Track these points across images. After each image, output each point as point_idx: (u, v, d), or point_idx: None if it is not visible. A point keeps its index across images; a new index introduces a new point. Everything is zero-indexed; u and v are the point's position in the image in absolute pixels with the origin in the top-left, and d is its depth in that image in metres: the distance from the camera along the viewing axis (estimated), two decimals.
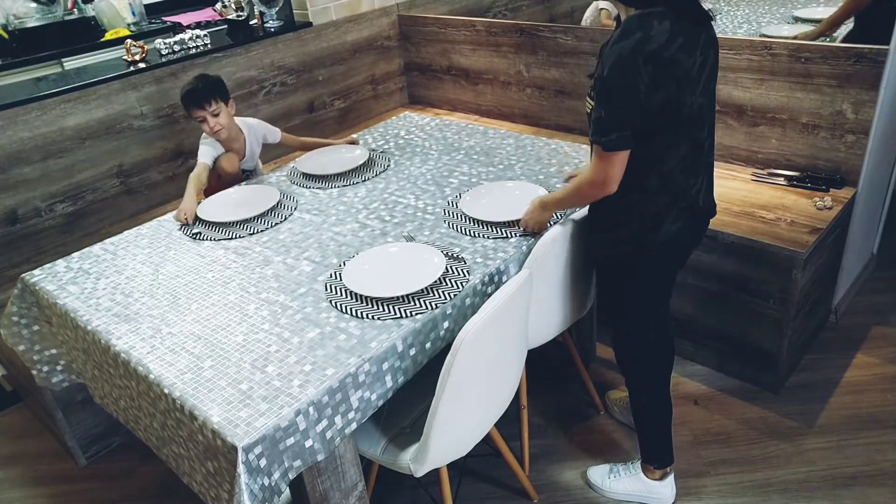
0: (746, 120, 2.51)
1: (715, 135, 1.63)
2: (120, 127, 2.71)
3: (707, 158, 1.58)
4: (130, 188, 2.80)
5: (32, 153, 2.51)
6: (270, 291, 1.66)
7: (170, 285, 1.74)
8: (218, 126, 2.28)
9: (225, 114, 2.29)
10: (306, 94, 3.31)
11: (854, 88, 2.23)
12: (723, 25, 3.46)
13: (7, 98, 2.49)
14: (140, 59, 2.83)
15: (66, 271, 1.87)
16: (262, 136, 2.50)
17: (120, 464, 2.29)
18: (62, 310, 1.70)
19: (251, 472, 1.23)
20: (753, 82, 2.44)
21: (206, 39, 2.98)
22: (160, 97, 2.79)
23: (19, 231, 2.54)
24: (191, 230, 2.02)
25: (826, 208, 2.24)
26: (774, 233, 2.14)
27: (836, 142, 2.34)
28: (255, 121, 2.51)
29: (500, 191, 2.00)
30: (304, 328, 1.50)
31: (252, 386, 1.34)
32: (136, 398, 1.52)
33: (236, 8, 3.28)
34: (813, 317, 2.37)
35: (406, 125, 2.70)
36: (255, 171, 2.58)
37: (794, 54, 2.32)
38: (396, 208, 2.01)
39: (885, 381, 2.26)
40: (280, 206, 2.09)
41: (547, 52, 3.06)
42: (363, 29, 3.46)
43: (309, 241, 1.88)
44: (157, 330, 1.56)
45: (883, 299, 2.63)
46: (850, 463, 1.98)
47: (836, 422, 2.12)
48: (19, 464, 2.33)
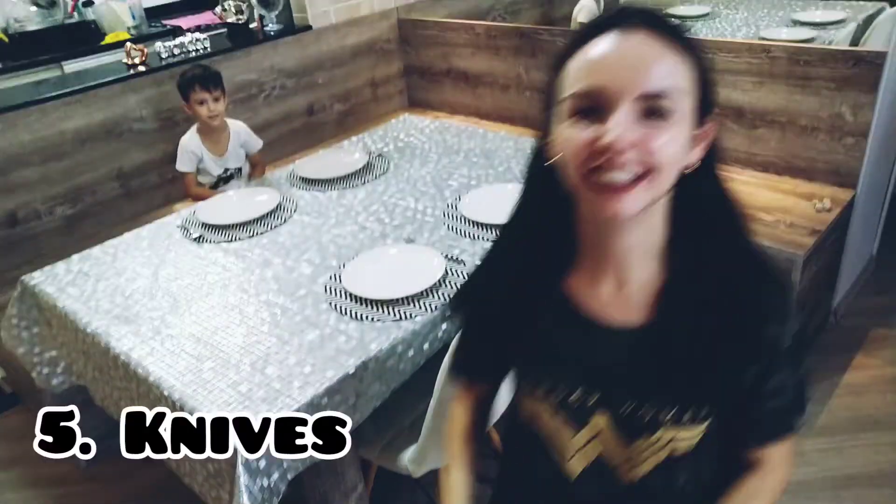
0: (745, 122, 2.52)
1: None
2: (120, 130, 2.71)
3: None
4: (130, 191, 2.81)
5: (32, 156, 2.51)
6: (270, 293, 1.66)
7: (169, 287, 1.74)
8: (216, 111, 2.43)
9: (222, 103, 2.46)
10: (306, 98, 3.32)
11: (853, 91, 2.24)
12: (722, 28, 3.47)
13: (7, 101, 2.50)
14: (140, 62, 2.83)
15: (65, 273, 1.87)
16: (244, 140, 2.62)
17: (120, 465, 2.28)
18: (62, 312, 1.70)
19: (251, 474, 1.23)
20: (752, 85, 2.45)
21: (205, 43, 2.98)
22: (160, 100, 2.79)
23: (19, 233, 2.54)
24: (191, 233, 2.02)
25: (825, 210, 2.24)
26: (774, 235, 2.14)
27: (835, 144, 2.34)
28: (242, 125, 2.64)
29: (499, 193, 2.00)
30: (304, 330, 1.50)
31: (252, 388, 1.34)
32: (137, 400, 1.52)
33: (236, 11, 3.28)
34: (812, 318, 2.37)
35: (406, 128, 2.71)
36: (241, 173, 2.62)
37: (792, 57, 2.32)
38: (396, 210, 2.01)
39: (885, 382, 2.26)
40: (280, 209, 2.10)
41: (546, 55, 3.07)
42: (363, 32, 3.47)
43: (309, 244, 1.88)
44: (157, 332, 1.56)
45: (883, 301, 2.63)
46: (850, 464, 1.98)
47: (836, 423, 2.12)
48: (19, 466, 2.33)
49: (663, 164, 0.72)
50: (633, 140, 0.70)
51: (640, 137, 0.71)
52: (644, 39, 0.73)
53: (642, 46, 0.73)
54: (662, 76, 0.72)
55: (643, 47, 0.73)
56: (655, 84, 0.71)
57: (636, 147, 0.71)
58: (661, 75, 0.72)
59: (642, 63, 0.72)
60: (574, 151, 0.74)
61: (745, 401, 0.86)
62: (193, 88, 2.40)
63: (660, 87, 0.71)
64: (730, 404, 0.85)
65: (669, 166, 0.74)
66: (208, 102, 2.41)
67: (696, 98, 0.76)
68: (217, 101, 2.43)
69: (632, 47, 0.73)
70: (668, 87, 0.71)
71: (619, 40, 0.73)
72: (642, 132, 0.71)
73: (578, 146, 0.73)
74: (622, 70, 0.72)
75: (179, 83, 2.46)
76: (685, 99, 0.74)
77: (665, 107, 0.71)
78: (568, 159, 0.75)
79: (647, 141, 0.71)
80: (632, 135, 0.71)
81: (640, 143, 0.71)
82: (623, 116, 0.70)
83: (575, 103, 0.74)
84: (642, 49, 0.73)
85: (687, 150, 0.76)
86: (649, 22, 0.74)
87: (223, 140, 2.56)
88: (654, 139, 0.71)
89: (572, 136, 0.74)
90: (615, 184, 0.72)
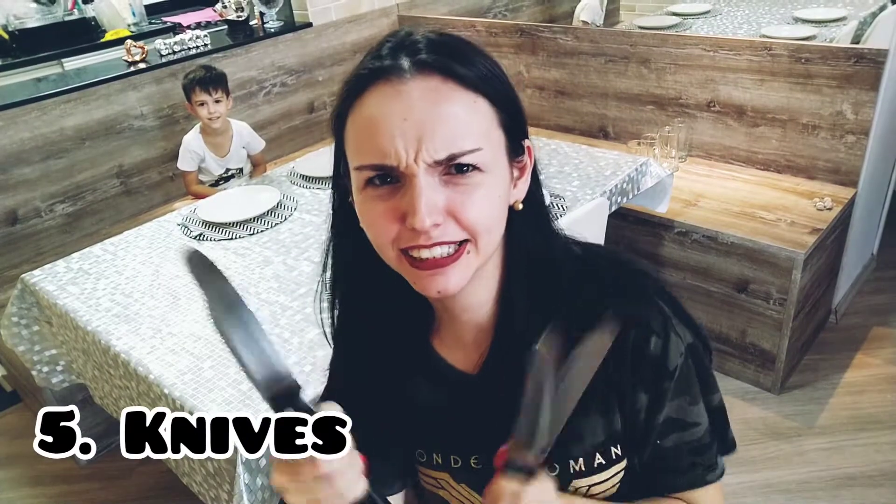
0: (746, 120, 2.51)
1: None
2: (120, 127, 2.71)
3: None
4: (130, 188, 2.80)
5: (32, 153, 2.50)
6: (270, 292, 1.66)
7: (170, 286, 1.74)
8: (217, 113, 2.42)
9: (224, 105, 2.45)
10: (306, 95, 3.31)
11: (854, 89, 2.23)
12: (723, 26, 3.46)
13: (7, 98, 2.49)
14: (140, 59, 2.83)
15: (66, 272, 1.87)
16: (247, 140, 2.62)
17: (119, 464, 2.29)
18: (62, 310, 1.70)
19: (251, 473, 1.23)
20: (753, 83, 2.44)
21: (206, 40, 2.98)
22: (160, 97, 2.79)
23: (19, 231, 2.54)
24: (191, 231, 2.02)
25: (826, 209, 2.24)
26: (774, 233, 2.14)
27: (836, 142, 2.34)
28: (246, 126, 2.64)
29: None
30: (304, 329, 1.50)
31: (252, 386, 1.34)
32: (137, 398, 1.52)
33: (236, 8, 3.28)
34: (813, 317, 2.37)
35: None
36: (242, 172, 2.63)
37: (794, 55, 2.31)
38: None
39: (885, 381, 2.26)
40: (280, 207, 2.09)
41: (547, 53, 3.06)
42: (363, 29, 3.46)
43: (309, 242, 1.88)
44: (158, 330, 1.56)
45: (883, 300, 2.63)
46: (850, 463, 1.98)
47: (836, 422, 2.12)
48: (19, 464, 2.33)
49: (482, 230, 0.63)
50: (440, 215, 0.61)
51: (449, 206, 0.61)
52: (425, 87, 0.61)
53: (422, 101, 0.60)
54: (454, 135, 0.60)
55: (423, 102, 0.60)
56: (446, 147, 0.60)
57: (449, 216, 0.61)
58: (454, 133, 0.60)
59: (427, 125, 0.60)
60: (378, 231, 0.64)
61: (641, 440, 0.74)
62: (194, 90, 2.40)
63: (454, 149, 0.60)
64: (623, 445, 0.74)
65: (491, 228, 0.64)
66: (209, 104, 2.41)
67: (504, 129, 0.65)
68: (218, 102, 2.43)
69: (411, 105, 0.60)
70: (464, 143, 0.61)
71: (395, 97, 0.61)
72: (450, 201, 0.61)
73: (383, 224, 0.63)
74: (406, 139, 0.60)
75: (183, 84, 2.46)
76: (491, 142, 0.63)
77: (469, 162, 0.61)
78: (375, 238, 0.65)
79: (458, 211, 0.61)
80: (436, 212, 0.60)
81: (452, 213, 0.61)
82: (422, 188, 0.60)
83: (366, 174, 0.63)
84: (423, 105, 0.60)
85: (508, 192, 0.67)
86: (428, 63, 0.61)
87: (226, 141, 2.56)
88: (467, 207, 0.61)
89: (374, 216, 0.63)
90: (435, 259, 0.62)
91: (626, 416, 0.73)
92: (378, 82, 0.62)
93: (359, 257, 0.72)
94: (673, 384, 0.71)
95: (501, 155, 0.65)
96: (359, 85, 0.63)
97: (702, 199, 2.40)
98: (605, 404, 0.72)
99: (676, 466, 0.76)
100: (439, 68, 0.61)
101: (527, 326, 0.70)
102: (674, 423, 0.73)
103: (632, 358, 0.70)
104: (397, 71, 0.61)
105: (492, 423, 0.68)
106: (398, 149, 0.60)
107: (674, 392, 0.72)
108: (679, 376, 0.71)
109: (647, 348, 0.70)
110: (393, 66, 0.61)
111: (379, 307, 0.75)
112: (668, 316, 0.71)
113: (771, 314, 2.16)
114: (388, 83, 0.61)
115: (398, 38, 0.64)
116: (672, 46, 2.61)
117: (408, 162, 0.60)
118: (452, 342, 0.78)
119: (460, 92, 0.61)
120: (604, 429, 0.73)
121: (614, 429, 0.73)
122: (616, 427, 0.73)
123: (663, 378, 0.71)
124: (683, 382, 0.72)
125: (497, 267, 0.72)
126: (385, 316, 0.76)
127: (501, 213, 0.66)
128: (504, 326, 0.73)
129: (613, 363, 0.69)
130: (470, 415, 0.75)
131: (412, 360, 0.78)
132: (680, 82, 2.64)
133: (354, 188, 0.66)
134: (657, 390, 0.71)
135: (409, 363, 0.77)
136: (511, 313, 0.72)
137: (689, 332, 0.73)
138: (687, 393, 0.73)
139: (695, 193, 2.44)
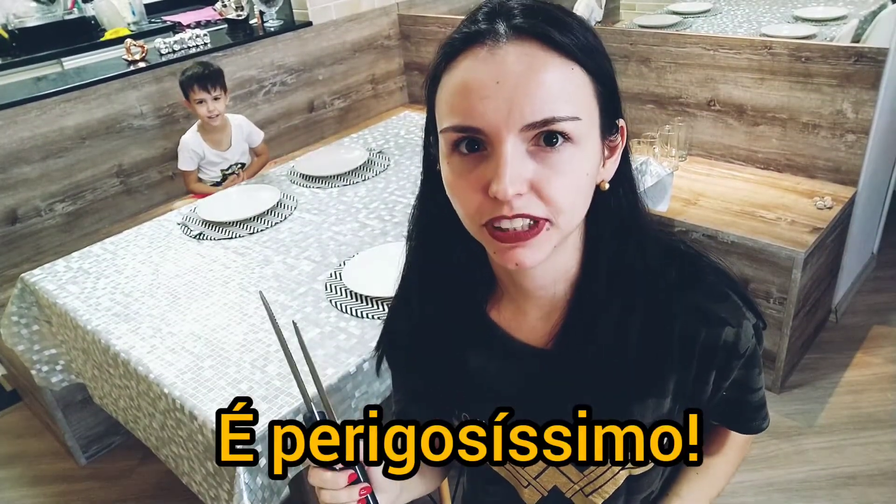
0: (746, 119, 2.51)
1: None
2: (120, 126, 2.71)
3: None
4: (130, 188, 2.80)
5: (32, 153, 2.50)
6: (270, 291, 1.66)
7: (170, 285, 1.74)
8: (216, 111, 2.42)
9: (222, 102, 2.45)
10: (306, 94, 3.31)
11: (854, 88, 2.23)
12: (723, 24, 3.46)
13: (7, 97, 2.49)
14: (140, 58, 2.82)
15: (65, 271, 1.87)
16: (247, 133, 2.62)
17: (119, 464, 2.29)
18: (62, 309, 1.70)
19: (251, 472, 1.23)
20: (753, 82, 2.44)
21: (206, 39, 2.97)
22: (160, 97, 2.79)
23: (19, 231, 2.54)
24: (191, 230, 2.02)
25: (826, 208, 2.24)
26: (775, 232, 2.14)
27: (836, 141, 2.34)
28: (243, 118, 2.63)
29: None
30: (304, 328, 1.50)
31: (252, 386, 1.34)
32: (136, 398, 1.52)
33: (236, 7, 3.27)
34: (813, 316, 2.37)
35: (406, 125, 2.70)
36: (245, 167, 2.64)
37: (794, 54, 2.31)
38: (396, 208, 2.01)
39: (885, 380, 2.26)
40: (280, 206, 2.09)
41: None
42: (363, 28, 3.46)
43: (309, 241, 1.88)
44: (157, 330, 1.56)
45: (883, 299, 2.63)
46: (850, 462, 1.98)
47: (836, 421, 2.12)
48: (19, 463, 2.33)
49: (565, 207, 0.61)
50: (524, 185, 0.59)
51: (534, 180, 0.60)
52: (520, 52, 0.59)
53: (517, 65, 0.58)
54: (550, 98, 0.58)
55: (519, 66, 0.58)
56: (541, 110, 0.58)
57: (532, 190, 0.60)
58: (547, 97, 0.58)
59: (520, 88, 0.58)
60: (462, 201, 0.63)
61: (706, 402, 0.78)
62: (192, 88, 2.39)
63: (548, 113, 0.58)
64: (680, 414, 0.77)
65: (574, 206, 0.63)
66: (207, 102, 2.40)
67: (600, 103, 0.63)
68: (217, 100, 2.41)
69: (506, 69, 0.58)
70: (560, 108, 0.59)
71: (489, 60, 0.59)
72: (536, 174, 0.60)
73: (466, 194, 0.62)
74: (497, 102, 0.58)
75: (180, 80, 2.45)
76: (584, 113, 0.61)
77: (560, 131, 0.59)
78: (458, 207, 0.64)
79: (542, 186, 0.60)
80: (520, 182, 0.59)
81: (536, 187, 0.60)
82: (509, 156, 0.58)
83: (453, 137, 0.61)
84: (518, 68, 0.58)
85: (597, 171, 0.65)
86: (524, 28, 0.60)
87: (225, 136, 2.56)
88: (553, 183, 0.60)
89: (458, 181, 0.63)
90: (516, 231, 0.61)
91: (685, 395, 0.76)
92: (473, 46, 0.61)
93: (436, 222, 0.73)
94: (742, 362, 0.76)
95: (595, 130, 0.63)
96: (453, 48, 0.62)
97: (702, 199, 2.40)
98: (660, 389, 0.75)
99: (738, 417, 0.84)
100: (536, 34, 0.59)
101: (606, 308, 0.71)
102: (739, 386, 0.79)
103: (700, 350, 0.73)
104: (493, 35, 0.60)
105: (565, 396, 0.72)
106: (488, 111, 0.58)
107: (742, 367, 0.76)
108: (747, 357, 0.75)
109: (719, 341, 0.72)
110: (489, 30, 0.60)
111: (446, 272, 0.77)
112: (740, 306, 0.73)
113: (771, 313, 2.16)
114: (483, 46, 0.60)
115: (493, 3, 0.63)
116: (672, 45, 2.60)
117: (497, 125, 0.58)
118: (513, 314, 0.78)
119: (557, 59, 0.59)
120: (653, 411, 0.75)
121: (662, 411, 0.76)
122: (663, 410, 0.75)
123: (733, 359, 0.74)
124: (751, 359, 0.77)
125: (577, 247, 0.72)
126: (449, 282, 0.77)
127: (587, 192, 0.64)
128: (581, 303, 0.73)
129: (679, 354, 0.72)
130: (542, 388, 0.76)
131: (469, 329, 0.79)
132: (680, 81, 2.64)
133: (441, 154, 0.65)
134: (727, 367, 0.75)
135: (466, 333, 0.79)
136: (590, 291, 0.72)
137: (753, 314, 0.75)
138: (755, 366, 0.78)
139: (695, 192, 2.44)
